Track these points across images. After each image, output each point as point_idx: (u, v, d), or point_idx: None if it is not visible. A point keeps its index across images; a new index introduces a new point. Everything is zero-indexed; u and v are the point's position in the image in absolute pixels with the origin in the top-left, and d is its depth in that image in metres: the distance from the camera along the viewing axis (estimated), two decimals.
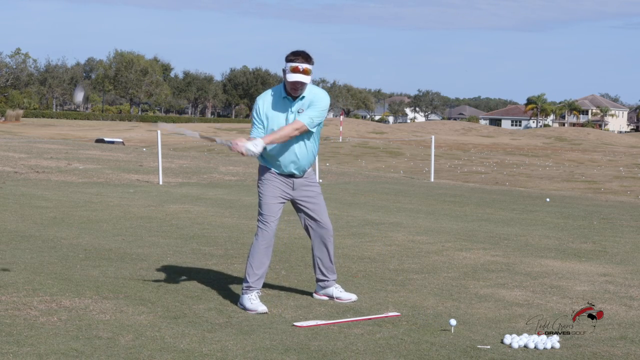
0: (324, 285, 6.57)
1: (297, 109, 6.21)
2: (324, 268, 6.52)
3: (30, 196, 14.09)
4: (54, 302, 6.12)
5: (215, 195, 15.28)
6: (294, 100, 6.20)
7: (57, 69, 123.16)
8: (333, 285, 6.56)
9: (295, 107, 6.21)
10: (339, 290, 6.56)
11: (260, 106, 6.24)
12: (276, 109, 6.21)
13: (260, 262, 6.29)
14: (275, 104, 6.22)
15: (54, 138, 49.48)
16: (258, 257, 6.28)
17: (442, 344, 5.28)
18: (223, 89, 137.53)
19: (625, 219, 13.07)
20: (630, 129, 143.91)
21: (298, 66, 6.05)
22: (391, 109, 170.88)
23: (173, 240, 9.45)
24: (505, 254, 9.01)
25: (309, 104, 6.20)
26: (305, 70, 6.06)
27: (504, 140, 77.73)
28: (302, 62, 6.07)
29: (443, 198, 16.17)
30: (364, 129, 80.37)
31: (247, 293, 6.19)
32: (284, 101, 6.21)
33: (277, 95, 6.24)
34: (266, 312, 6.03)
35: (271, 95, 6.26)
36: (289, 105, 6.21)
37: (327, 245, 6.49)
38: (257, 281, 6.25)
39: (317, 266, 6.55)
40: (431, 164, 23.89)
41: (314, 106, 6.19)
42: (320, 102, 6.21)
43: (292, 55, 6.11)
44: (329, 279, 6.54)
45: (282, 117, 6.20)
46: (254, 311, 6.03)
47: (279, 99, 6.23)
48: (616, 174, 36.81)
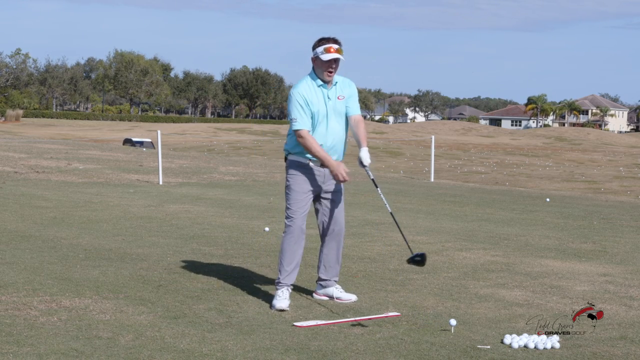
0: (325, 285, 6.57)
1: (335, 96, 6.29)
2: (328, 266, 6.52)
3: (30, 196, 14.08)
4: (54, 302, 6.12)
5: (215, 195, 15.28)
6: (329, 87, 6.29)
7: (57, 69, 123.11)
8: (334, 285, 6.57)
9: (332, 93, 6.29)
10: (339, 290, 6.57)
11: (301, 96, 6.23)
12: (315, 98, 6.26)
13: (291, 258, 6.32)
14: (313, 93, 6.27)
15: (54, 138, 49.48)
16: (288, 254, 6.33)
17: (442, 344, 5.28)
18: (223, 89, 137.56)
19: (625, 219, 13.06)
20: (630, 129, 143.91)
21: (331, 47, 6.18)
22: (391, 109, 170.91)
23: (173, 240, 9.45)
24: (505, 254, 9.01)
25: (347, 93, 6.36)
26: (338, 50, 6.20)
27: (504, 140, 77.72)
28: (333, 43, 6.21)
29: (443, 198, 16.17)
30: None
31: (279, 289, 6.27)
32: (320, 89, 6.29)
33: (311, 84, 6.30)
34: (282, 309, 6.09)
35: (306, 86, 6.30)
36: (326, 92, 6.29)
37: (337, 244, 6.52)
38: (288, 277, 6.30)
39: (321, 264, 6.55)
40: (431, 164, 23.88)
41: (354, 94, 6.42)
42: (354, 88, 6.46)
43: (319, 40, 6.24)
44: (330, 279, 6.55)
45: (322, 104, 6.26)
46: (274, 307, 6.12)
47: (315, 87, 6.29)
48: (616, 174, 36.80)
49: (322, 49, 6.18)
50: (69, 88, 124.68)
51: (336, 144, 6.38)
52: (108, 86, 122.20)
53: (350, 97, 6.38)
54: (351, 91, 6.40)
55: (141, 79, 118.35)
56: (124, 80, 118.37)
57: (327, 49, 6.17)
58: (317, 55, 6.21)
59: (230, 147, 50.84)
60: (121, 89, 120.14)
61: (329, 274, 6.54)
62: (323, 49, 6.17)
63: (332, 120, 6.29)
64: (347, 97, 6.36)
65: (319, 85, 6.28)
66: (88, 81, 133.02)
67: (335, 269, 6.56)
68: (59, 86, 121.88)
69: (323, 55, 6.17)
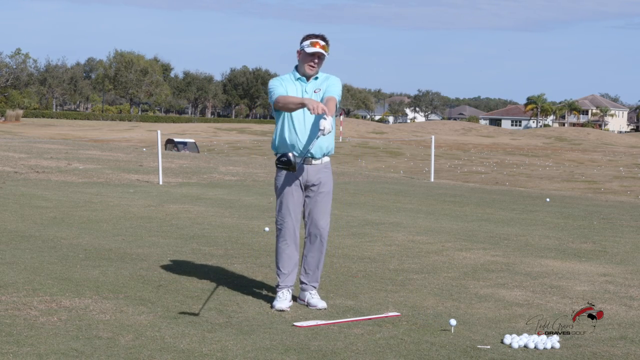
0: (302, 288, 6.40)
1: (312, 89, 6.26)
2: (309, 270, 6.36)
3: (30, 196, 14.08)
4: (54, 302, 6.12)
5: (215, 195, 15.28)
6: (308, 81, 6.27)
7: (57, 69, 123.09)
8: (308, 290, 6.36)
9: (309, 87, 6.26)
10: (312, 295, 6.33)
11: (279, 82, 6.27)
12: (293, 89, 6.25)
13: (286, 261, 6.29)
14: (290, 84, 6.28)
15: (54, 138, 49.48)
16: (282, 257, 6.30)
17: (442, 344, 5.28)
18: (223, 89, 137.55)
19: (625, 219, 13.06)
20: (630, 129, 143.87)
21: (318, 41, 6.21)
22: (391, 109, 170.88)
23: (173, 240, 9.45)
24: (505, 254, 9.01)
25: (325, 84, 6.27)
26: (323, 46, 6.21)
27: (504, 140, 77.73)
28: (321, 40, 6.24)
29: (443, 198, 16.17)
30: (364, 129, 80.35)
31: (279, 290, 6.26)
32: (298, 82, 6.28)
33: (290, 77, 6.32)
34: (282, 309, 6.09)
35: (285, 77, 6.34)
36: (303, 85, 6.27)
37: (317, 248, 6.34)
38: (288, 278, 6.28)
39: (302, 267, 6.44)
40: (431, 164, 23.88)
41: (334, 84, 6.28)
42: (336, 80, 6.33)
43: (308, 36, 6.26)
44: (307, 283, 6.37)
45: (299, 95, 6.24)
46: (274, 307, 6.12)
47: (293, 80, 6.30)
48: (616, 174, 36.80)
49: (308, 42, 6.22)
50: (69, 88, 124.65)
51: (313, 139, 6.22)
52: (108, 86, 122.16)
53: (328, 87, 6.27)
54: (330, 82, 6.29)
55: (141, 79, 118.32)
56: (124, 80, 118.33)
57: (313, 43, 6.20)
58: (302, 48, 6.23)
59: (230, 147, 50.87)
60: (121, 89, 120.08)
61: (308, 279, 6.37)
62: (309, 42, 6.21)
63: (309, 114, 6.17)
64: (324, 89, 6.27)
65: (297, 78, 6.28)
66: (88, 81, 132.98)
67: (316, 275, 6.37)
68: (59, 86, 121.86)
69: (308, 48, 6.19)
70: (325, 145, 6.28)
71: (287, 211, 6.28)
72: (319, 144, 6.21)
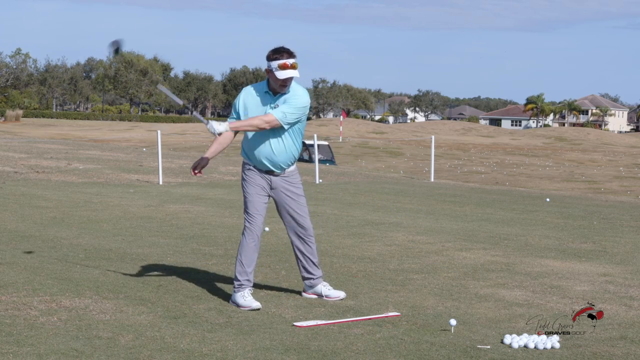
0: (311, 284, 6.56)
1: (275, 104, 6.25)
2: (308, 266, 6.51)
3: (30, 196, 14.08)
4: (54, 302, 6.12)
5: (215, 195, 15.28)
6: (275, 95, 6.23)
7: (57, 69, 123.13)
8: (320, 282, 6.56)
9: (275, 102, 6.24)
10: (327, 288, 6.55)
11: (241, 98, 6.31)
12: (257, 103, 6.25)
13: (250, 259, 6.32)
14: (257, 98, 6.26)
15: (54, 138, 49.48)
16: (247, 255, 6.31)
17: (442, 344, 5.28)
18: (223, 89, 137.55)
19: (625, 219, 13.06)
20: (630, 129, 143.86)
21: (286, 62, 6.08)
22: (391, 109, 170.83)
23: (173, 240, 9.45)
24: (505, 254, 9.01)
25: (282, 100, 6.21)
26: (293, 65, 6.10)
27: (504, 140, 77.72)
28: (288, 58, 6.10)
29: (443, 198, 16.17)
30: (364, 129, 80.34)
31: (239, 290, 6.23)
32: (265, 96, 6.25)
33: (259, 90, 6.29)
34: (260, 308, 6.08)
35: (254, 89, 6.31)
36: (270, 100, 6.24)
37: (309, 245, 6.48)
38: (248, 278, 6.29)
39: (300, 265, 6.55)
40: (431, 164, 23.88)
41: (289, 102, 6.18)
42: (295, 99, 6.20)
43: (274, 53, 6.12)
44: (314, 276, 6.53)
45: (262, 111, 6.23)
46: (248, 307, 6.07)
47: (261, 93, 6.27)
48: (616, 174, 36.82)
49: (277, 65, 6.06)
50: (69, 88, 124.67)
51: (272, 154, 6.27)
52: (108, 86, 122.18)
53: (284, 103, 6.18)
54: (286, 98, 6.18)
55: (141, 79, 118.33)
56: (124, 80, 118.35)
57: (282, 65, 6.05)
58: (271, 69, 6.12)
59: (230, 147, 50.82)
60: (121, 89, 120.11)
61: (312, 272, 6.52)
62: (278, 65, 6.06)
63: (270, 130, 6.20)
64: (280, 104, 6.19)
65: (265, 91, 6.25)
66: (88, 81, 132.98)
67: (315, 267, 6.54)
68: (59, 86, 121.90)
69: (278, 73, 6.07)
70: (282, 161, 6.31)
71: (255, 211, 6.33)
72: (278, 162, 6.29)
